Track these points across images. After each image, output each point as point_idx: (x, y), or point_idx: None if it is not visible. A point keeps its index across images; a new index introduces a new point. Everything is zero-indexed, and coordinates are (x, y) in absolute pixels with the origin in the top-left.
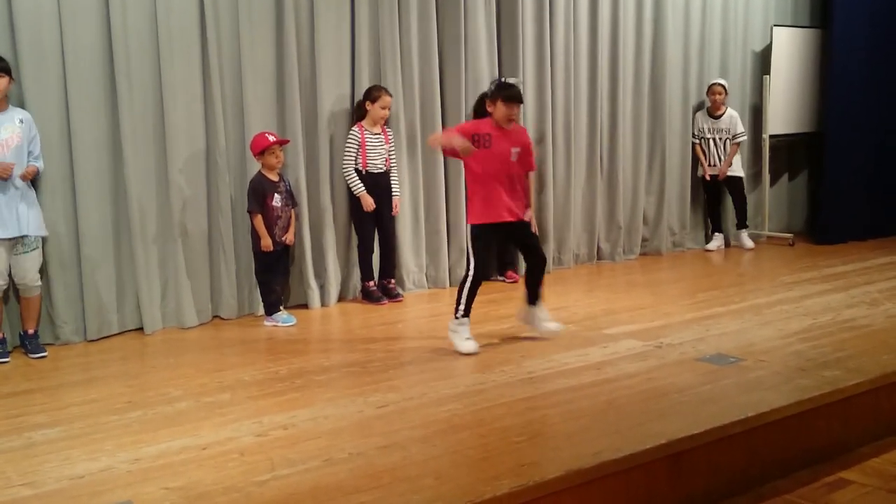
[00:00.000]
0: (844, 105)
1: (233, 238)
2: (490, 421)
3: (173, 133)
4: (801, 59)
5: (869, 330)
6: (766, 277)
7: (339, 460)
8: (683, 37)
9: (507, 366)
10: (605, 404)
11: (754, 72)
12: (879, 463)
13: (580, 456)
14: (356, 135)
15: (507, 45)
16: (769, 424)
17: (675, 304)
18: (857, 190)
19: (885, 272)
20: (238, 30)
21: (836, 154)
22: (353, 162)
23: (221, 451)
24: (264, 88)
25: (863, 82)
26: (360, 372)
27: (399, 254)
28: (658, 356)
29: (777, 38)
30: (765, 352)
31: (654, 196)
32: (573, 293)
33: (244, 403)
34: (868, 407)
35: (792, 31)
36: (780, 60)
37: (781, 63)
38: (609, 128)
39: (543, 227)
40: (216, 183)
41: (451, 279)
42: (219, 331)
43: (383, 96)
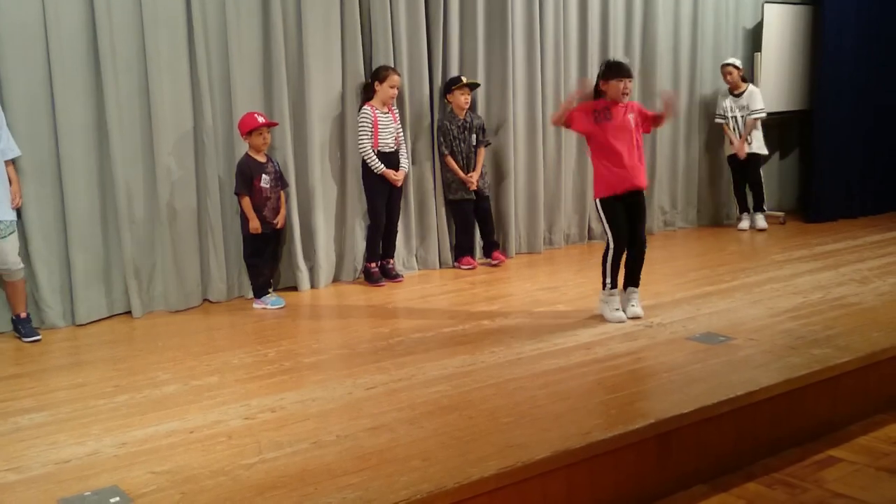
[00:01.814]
0: (835, 83)
1: (221, 220)
2: (478, 402)
3: (160, 115)
4: (792, 36)
5: (859, 308)
6: (758, 256)
7: (327, 442)
8: (674, 15)
9: (497, 347)
10: (594, 384)
11: (746, 49)
12: (868, 440)
13: (569, 436)
14: (368, 114)
15: (496, 25)
16: (758, 403)
17: (665, 284)
18: (847, 168)
19: (875, 250)
20: (224, 10)
21: (826, 132)
22: (369, 141)
23: (209, 435)
24: (251, 69)
25: (854, 59)
26: (348, 354)
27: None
28: (648, 336)
29: (768, 14)
30: (755, 330)
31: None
32: (564, 273)
33: (232, 386)
34: (857, 385)
35: (783, 8)
36: (771, 37)
37: (773, 40)
38: None
39: (535, 209)
40: (204, 165)
41: (440, 261)
42: (207, 314)
43: (391, 76)
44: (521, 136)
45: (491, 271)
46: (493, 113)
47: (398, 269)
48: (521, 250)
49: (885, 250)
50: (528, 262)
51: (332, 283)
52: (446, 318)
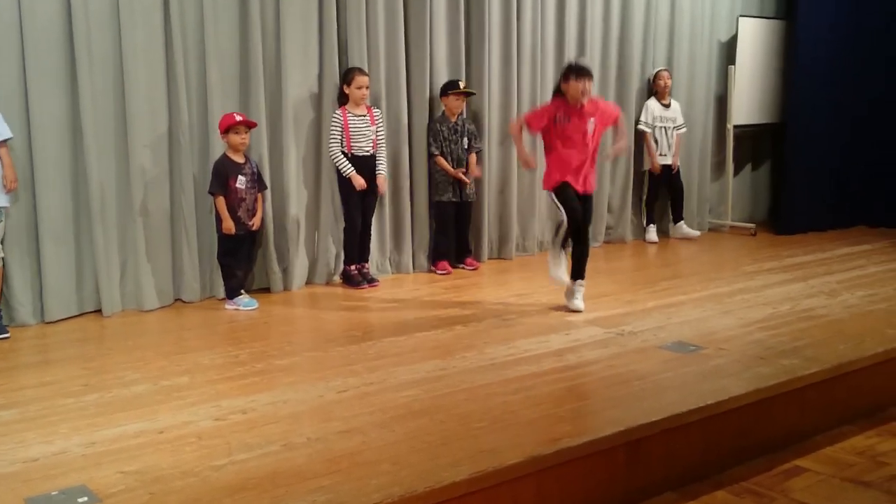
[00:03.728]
0: (808, 96)
1: (195, 220)
2: (450, 407)
3: (135, 112)
4: (766, 49)
5: (827, 320)
6: (729, 267)
7: (298, 445)
8: (650, 27)
9: (469, 352)
10: (565, 391)
11: (720, 62)
12: (834, 451)
13: (540, 442)
14: (338, 118)
15: (474, 33)
16: (727, 412)
17: (637, 292)
18: (818, 181)
19: (844, 263)
20: (202, 9)
21: (798, 145)
22: (338, 145)
23: (179, 435)
24: (228, 69)
25: (826, 74)
26: (321, 357)
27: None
28: (619, 344)
29: (743, 28)
30: (725, 340)
31: (619, 184)
32: (537, 280)
33: (203, 387)
34: (824, 396)
35: (757, 22)
36: (745, 51)
37: (747, 53)
38: None
39: (507, 215)
40: (179, 163)
41: (414, 265)
42: (179, 314)
43: (356, 77)
44: (495, 141)
45: (464, 277)
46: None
47: (373, 274)
48: (494, 256)
49: (853, 263)
50: (501, 269)
51: (306, 285)
52: (419, 323)
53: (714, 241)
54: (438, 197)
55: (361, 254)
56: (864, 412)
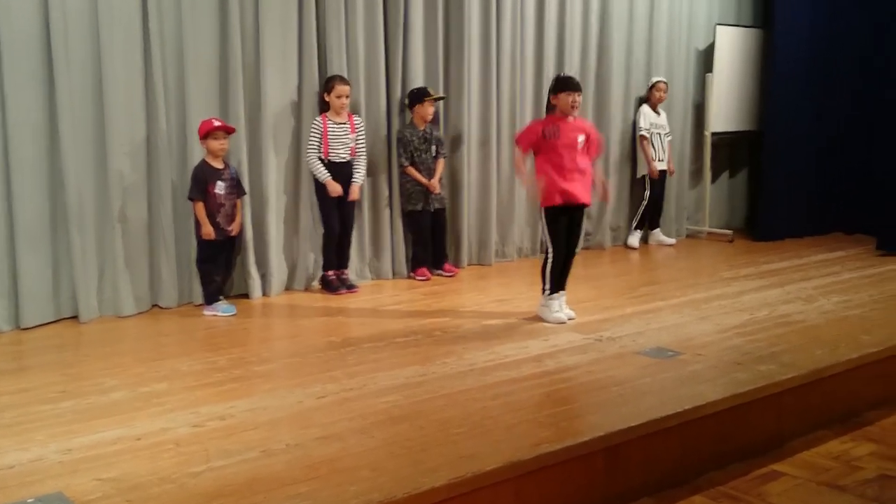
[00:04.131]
0: (784, 104)
1: (173, 225)
2: (429, 412)
3: (113, 118)
4: (743, 58)
5: (803, 325)
6: (706, 273)
7: (277, 451)
8: (628, 34)
9: (449, 358)
10: (544, 396)
11: (697, 70)
12: (810, 456)
13: (519, 448)
14: (318, 124)
15: (454, 39)
16: (705, 417)
17: (616, 298)
18: (795, 188)
19: (820, 269)
20: (181, 15)
21: (774, 152)
22: (316, 151)
23: (156, 442)
24: (207, 75)
25: (802, 83)
26: (299, 363)
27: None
28: (598, 349)
29: (720, 36)
30: (702, 346)
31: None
32: (516, 286)
33: (181, 394)
34: (800, 401)
35: (735, 31)
36: (722, 59)
37: (724, 62)
38: None
39: (486, 221)
40: (157, 169)
41: (393, 271)
42: (157, 320)
43: (337, 85)
44: (474, 148)
45: (444, 283)
46: (449, 125)
47: (352, 280)
48: (473, 262)
49: (829, 269)
50: (481, 275)
51: (285, 291)
52: (398, 329)
53: (692, 247)
54: (411, 207)
55: (341, 260)
56: (839, 417)
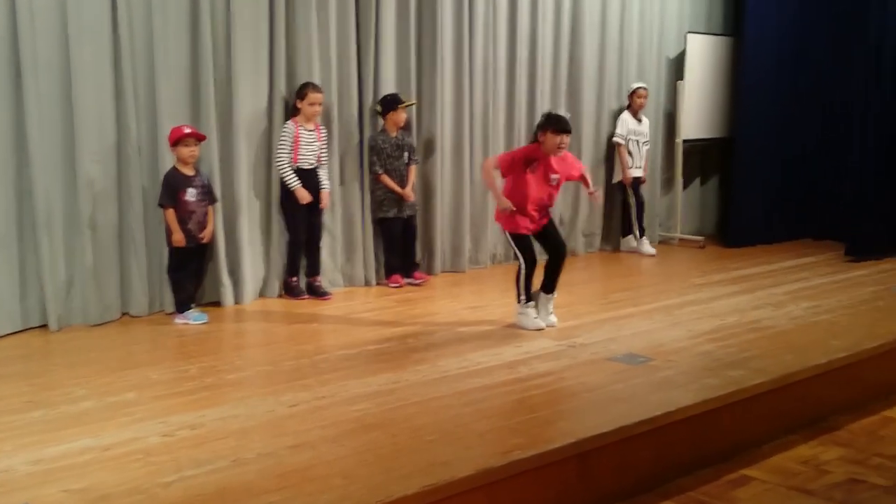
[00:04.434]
0: (754, 112)
1: (144, 233)
2: (401, 420)
3: (83, 124)
4: (713, 66)
5: (773, 331)
6: (678, 279)
7: (248, 460)
8: (600, 41)
9: (421, 365)
10: (517, 403)
11: (668, 77)
12: (779, 460)
13: (491, 455)
14: (290, 130)
15: (426, 47)
16: (676, 423)
17: (588, 305)
18: (765, 194)
19: (789, 275)
20: (151, 22)
21: (745, 159)
22: (287, 157)
23: (125, 452)
24: (178, 81)
25: (772, 90)
26: (271, 371)
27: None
28: (571, 356)
29: (691, 44)
30: (674, 352)
31: (570, 198)
32: (489, 292)
33: (150, 403)
34: (770, 406)
35: (705, 39)
36: (693, 67)
37: (695, 69)
38: (527, 131)
39: (460, 228)
40: (128, 176)
41: (366, 278)
42: (127, 328)
43: (311, 93)
44: (447, 155)
45: (417, 290)
46: (421, 132)
47: (325, 287)
48: (446, 269)
49: (798, 275)
50: (454, 281)
51: (257, 298)
52: (371, 336)
53: (663, 253)
54: (383, 214)
55: (312, 268)
56: (808, 422)
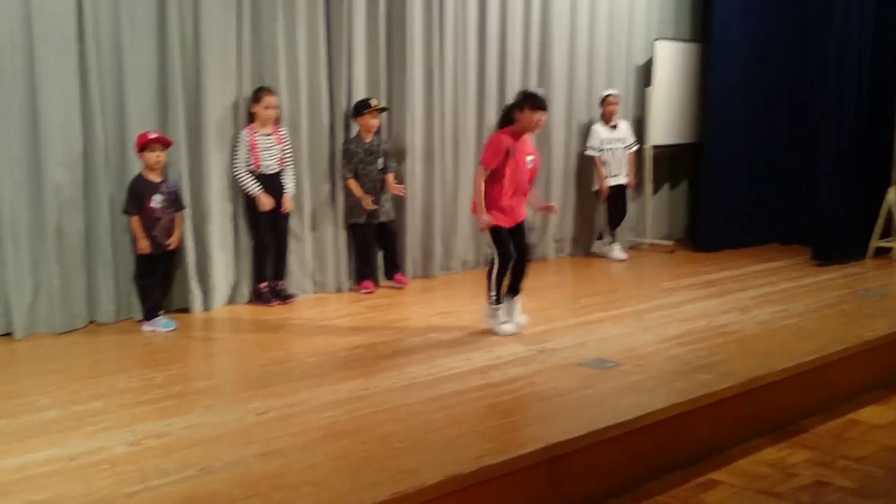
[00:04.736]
0: (722, 118)
1: (111, 239)
2: (372, 427)
3: (48, 130)
4: (681, 72)
5: (740, 335)
6: (647, 283)
7: (216, 469)
8: (569, 48)
9: (391, 371)
10: (487, 409)
11: (637, 84)
12: (746, 464)
13: (461, 461)
14: (245, 137)
15: (396, 53)
16: (645, 427)
17: (558, 310)
18: (733, 199)
19: (757, 279)
20: (119, 26)
21: (713, 165)
22: (243, 164)
23: (90, 462)
24: (146, 87)
25: (740, 97)
26: (240, 378)
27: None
28: (541, 361)
29: (659, 51)
30: (643, 356)
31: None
32: (460, 298)
33: (117, 411)
34: (737, 410)
35: (673, 45)
36: (661, 73)
37: (663, 76)
38: None
39: (430, 233)
40: (94, 183)
41: (337, 284)
42: (94, 336)
43: (265, 97)
44: (418, 161)
45: (388, 296)
46: (392, 138)
47: (290, 291)
48: (417, 275)
49: (765, 280)
50: (425, 287)
51: (226, 305)
52: (341, 342)
53: (634, 258)
54: (354, 220)
55: (277, 271)
56: (775, 425)
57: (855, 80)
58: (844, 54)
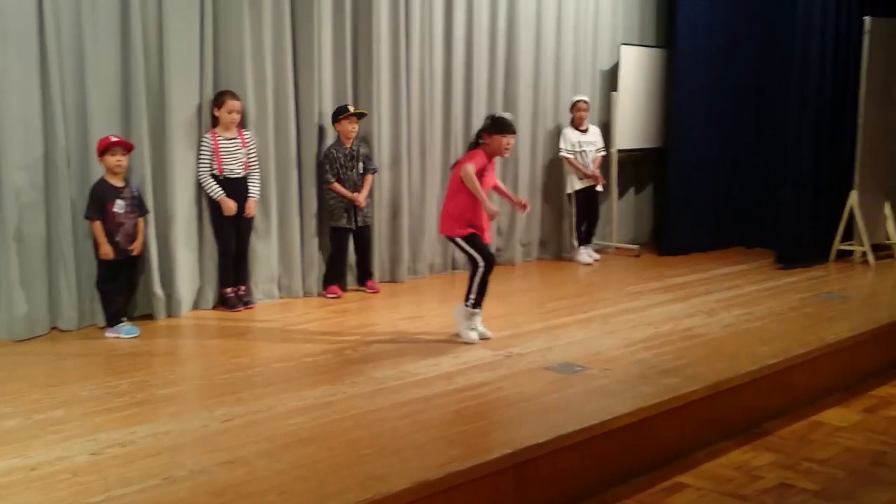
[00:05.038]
0: (687, 123)
1: (73, 244)
2: (338, 433)
3: (8, 133)
4: (647, 77)
5: (706, 339)
6: (613, 287)
7: (180, 478)
8: (535, 53)
9: (358, 377)
10: (454, 414)
11: (603, 89)
12: (713, 466)
13: (428, 467)
14: (208, 141)
15: (362, 59)
16: (612, 431)
17: (525, 314)
18: (698, 203)
19: (722, 282)
20: (81, 30)
21: (678, 169)
22: (207, 168)
23: (52, 472)
24: (108, 91)
25: (704, 101)
26: (205, 385)
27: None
28: (507, 365)
29: (625, 56)
30: (610, 360)
31: (507, 207)
32: (427, 302)
33: (79, 420)
34: (702, 413)
35: (639, 50)
36: (627, 78)
37: (629, 81)
38: (463, 141)
39: (398, 238)
40: (56, 188)
41: (304, 289)
42: (56, 343)
43: (228, 101)
44: (385, 166)
45: (355, 300)
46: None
47: (254, 297)
48: (385, 279)
49: (730, 283)
50: (392, 292)
51: (191, 311)
52: (307, 348)
53: (600, 262)
54: (334, 223)
55: (238, 276)
56: (740, 428)
57: (818, 87)
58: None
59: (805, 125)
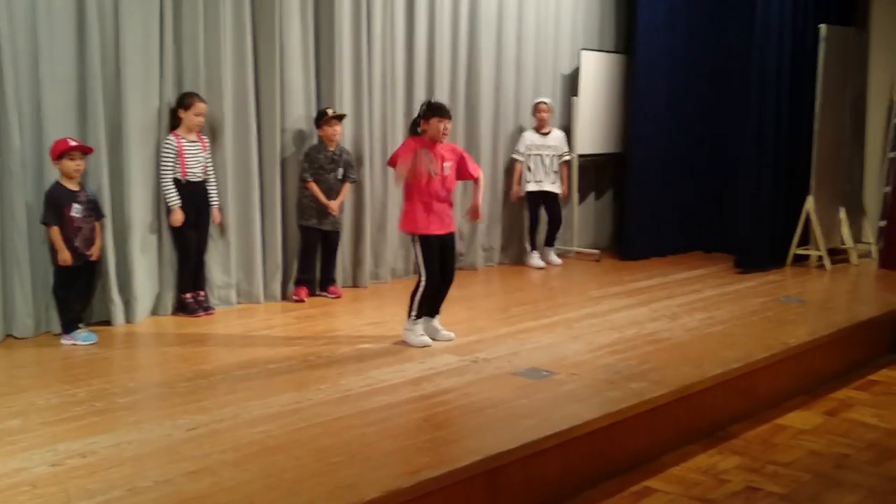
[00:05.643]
0: (647, 127)
1: (28, 251)
2: (306, 442)
3: None
4: (607, 82)
5: (670, 343)
6: (576, 292)
7: (143, 489)
8: (497, 58)
9: (324, 384)
10: (422, 421)
11: (563, 93)
12: (680, 471)
13: (398, 475)
14: (172, 143)
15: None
16: (581, 437)
17: (489, 319)
18: (657, 208)
19: (683, 287)
20: (35, 28)
21: (638, 174)
22: (170, 172)
23: (10, 484)
24: (64, 93)
25: (663, 107)
26: (167, 393)
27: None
28: (474, 371)
29: (585, 61)
30: (576, 365)
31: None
32: (390, 308)
33: (37, 430)
34: (670, 417)
35: (599, 56)
36: (587, 83)
37: (589, 86)
38: None
39: (361, 243)
40: (10, 192)
41: (265, 294)
42: (10, 351)
43: (196, 103)
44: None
45: (318, 306)
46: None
47: (212, 302)
48: (347, 284)
49: (691, 287)
50: (355, 297)
51: (150, 317)
52: (271, 354)
53: (561, 266)
54: (304, 221)
55: (196, 282)
56: (706, 431)
57: (774, 90)
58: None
59: (763, 130)
